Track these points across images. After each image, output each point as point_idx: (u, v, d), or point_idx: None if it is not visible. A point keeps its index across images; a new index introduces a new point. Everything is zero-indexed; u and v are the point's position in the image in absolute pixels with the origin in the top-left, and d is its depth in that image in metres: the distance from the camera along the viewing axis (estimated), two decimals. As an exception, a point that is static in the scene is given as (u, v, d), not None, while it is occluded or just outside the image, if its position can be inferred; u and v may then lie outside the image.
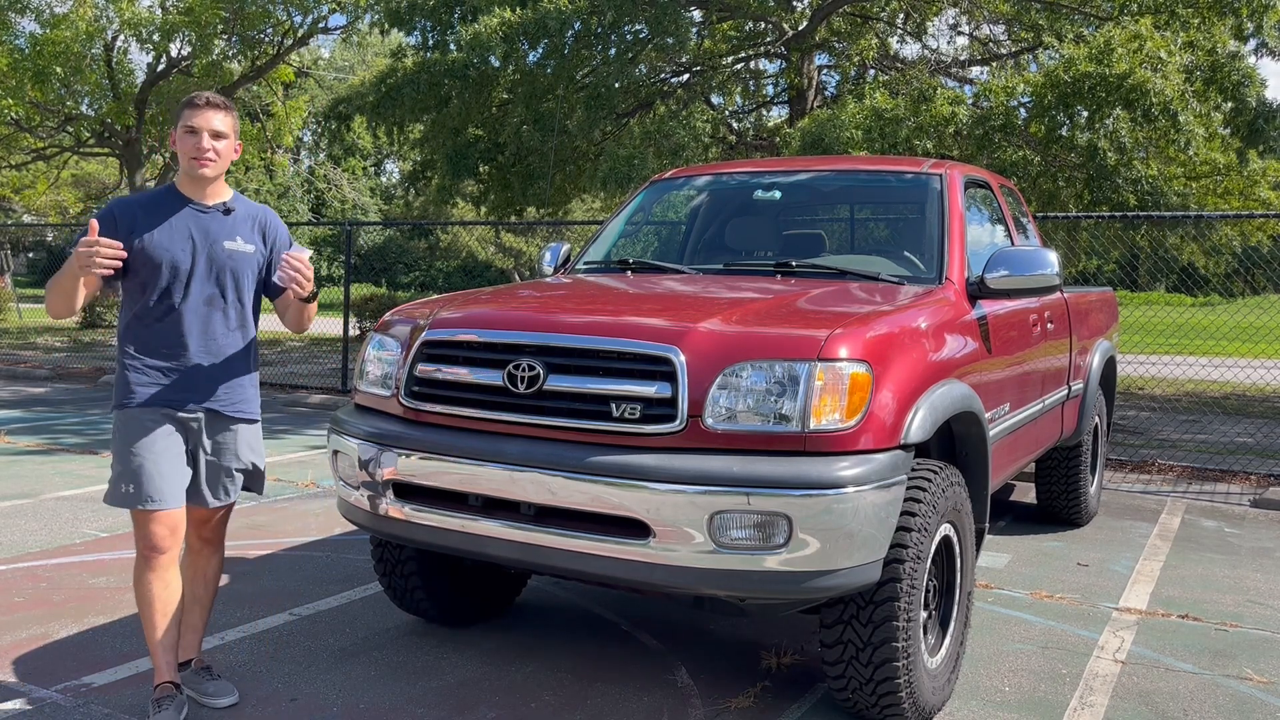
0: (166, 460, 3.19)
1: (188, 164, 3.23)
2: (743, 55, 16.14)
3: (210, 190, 3.30)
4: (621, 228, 5.02)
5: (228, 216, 3.32)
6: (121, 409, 3.23)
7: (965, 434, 3.75)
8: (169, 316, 3.22)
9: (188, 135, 3.21)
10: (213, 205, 3.31)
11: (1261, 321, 10.51)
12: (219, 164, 3.25)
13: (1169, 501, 7.14)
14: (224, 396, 3.30)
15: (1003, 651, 4.16)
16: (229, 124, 3.26)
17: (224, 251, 3.28)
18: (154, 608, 3.24)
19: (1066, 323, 5.44)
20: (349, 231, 12.58)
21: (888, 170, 5.01)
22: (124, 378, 3.24)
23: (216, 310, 3.29)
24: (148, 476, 3.15)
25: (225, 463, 3.34)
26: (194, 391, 3.24)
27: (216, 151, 3.23)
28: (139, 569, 3.24)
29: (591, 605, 4.61)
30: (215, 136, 3.22)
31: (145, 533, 3.19)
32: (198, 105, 3.21)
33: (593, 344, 3.17)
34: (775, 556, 2.89)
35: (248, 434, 3.40)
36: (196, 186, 3.28)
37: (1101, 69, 9.77)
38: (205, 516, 3.40)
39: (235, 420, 3.35)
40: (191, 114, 3.20)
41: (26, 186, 30.10)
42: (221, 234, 3.29)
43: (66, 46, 17.58)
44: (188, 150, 3.21)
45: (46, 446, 8.32)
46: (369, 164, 48.60)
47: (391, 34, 15.63)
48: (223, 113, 3.24)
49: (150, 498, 3.15)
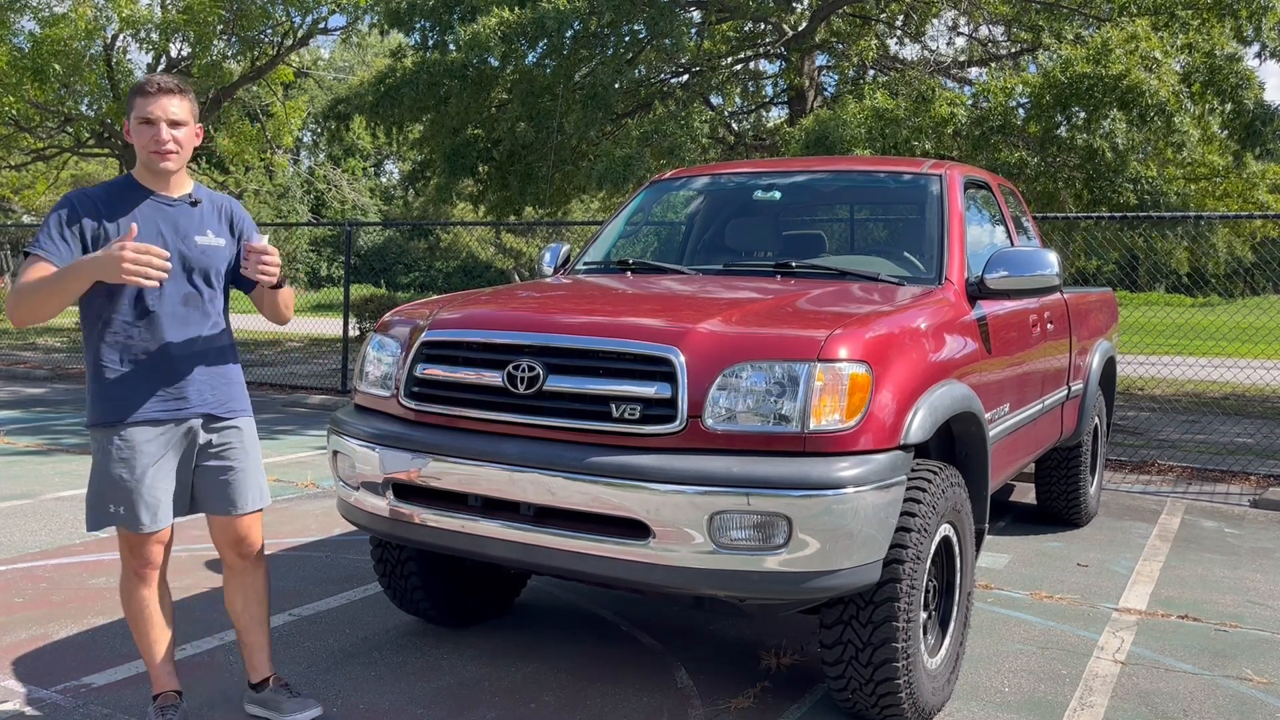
0: (159, 476, 3.03)
1: (147, 158, 2.98)
2: (742, 56, 16.14)
3: (174, 181, 3.07)
4: (621, 228, 5.02)
5: (195, 209, 3.10)
6: (105, 426, 3.01)
7: (965, 434, 3.75)
8: (146, 319, 3.00)
9: (143, 126, 2.95)
10: (178, 198, 3.08)
11: (1261, 322, 10.52)
12: (181, 155, 3.01)
13: (1169, 502, 7.14)
14: (213, 398, 3.12)
15: (1003, 652, 4.16)
16: (187, 109, 2.99)
17: (197, 247, 3.06)
18: (149, 621, 3.15)
19: (1066, 323, 5.44)
20: (349, 232, 12.59)
21: (887, 171, 5.01)
22: (102, 392, 3.01)
23: (195, 309, 3.08)
24: (139, 496, 2.99)
25: (234, 465, 3.16)
26: (183, 398, 3.06)
27: (177, 141, 2.97)
28: (129, 585, 3.13)
29: (591, 605, 4.61)
30: (174, 125, 2.96)
31: (139, 552, 3.08)
32: (150, 93, 2.94)
33: (592, 344, 3.17)
34: (775, 557, 2.89)
35: (247, 432, 3.23)
36: (158, 178, 3.04)
37: (1099, 70, 9.78)
38: (238, 530, 3.21)
39: (230, 419, 3.17)
40: (144, 103, 2.93)
41: (26, 187, 30.09)
42: (192, 229, 3.06)
43: (65, 45, 17.58)
44: (145, 143, 2.95)
45: (46, 447, 8.32)
46: (369, 164, 48.58)
47: (391, 34, 15.63)
48: (178, 97, 2.96)
49: (143, 520, 3.01)
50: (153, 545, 3.09)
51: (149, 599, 3.14)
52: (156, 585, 3.16)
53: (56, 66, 17.76)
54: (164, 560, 3.16)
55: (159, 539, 3.10)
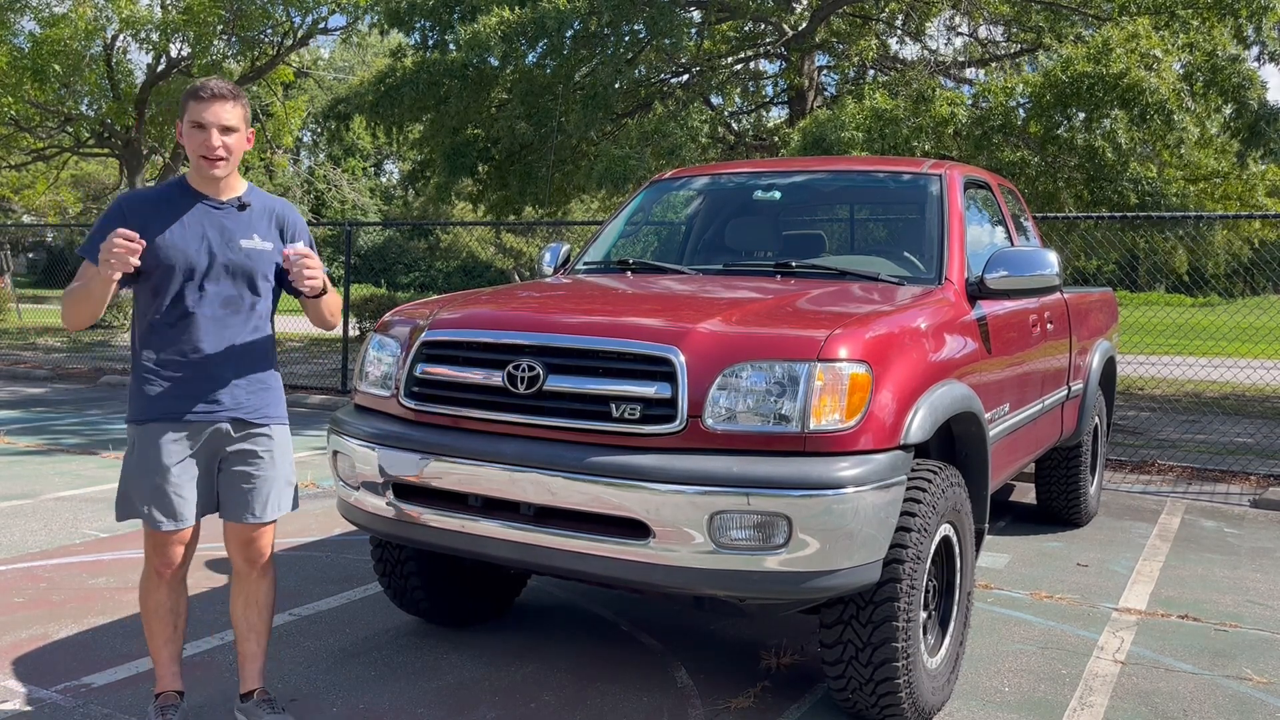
0: (184, 477, 3.03)
1: (197, 163, 3.00)
2: (742, 56, 16.14)
3: (224, 184, 3.08)
4: (621, 228, 5.02)
5: (243, 212, 3.10)
6: (137, 424, 3.04)
7: (965, 434, 3.75)
8: (184, 321, 3.01)
9: (195, 131, 2.96)
10: (227, 200, 3.09)
11: (1261, 322, 10.51)
12: (230, 161, 3.03)
13: (1169, 502, 7.15)
14: (248, 403, 3.10)
15: (1003, 652, 4.16)
16: (239, 115, 3.00)
17: (241, 250, 3.05)
18: (164, 620, 3.16)
19: (1066, 323, 5.44)
20: (349, 232, 12.59)
21: (887, 171, 5.01)
22: (139, 389, 3.04)
23: (234, 312, 3.07)
24: (166, 496, 3.01)
25: (258, 473, 3.12)
26: (216, 400, 3.04)
27: (227, 148, 2.99)
28: (149, 582, 3.14)
29: (591, 605, 4.61)
30: (225, 131, 2.97)
31: (162, 551, 3.09)
32: (203, 98, 2.95)
33: (592, 344, 3.17)
34: (775, 557, 2.89)
35: (277, 441, 3.18)
36: (208, 182, 3.06)
37: (1099, 69, 9.77)
38: (248, 537, 3.18)
39: (262, 426, 3.13)
40: (198, 107, 2.95)
41: (26, 187, 30.12)
42: (238, 231, 3.07)
43: (65, 45, 17.59)
44: (196, 148, 2.97)
45: (46, 447, 8.32)
46: (369, 164, 48.62)
47: (391, 34, 15.63)
48: (231, 103, 2.97)
49: (169, 518, 3.02)
50: (174, 545, 3.10)
51: (165, 598, 3.15)
52: (174, 585, 3.16)
53: (56, 67, 17.77)
54: (185, 561, 3.16)
55: (180, 539, 3.10)
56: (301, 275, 3.02)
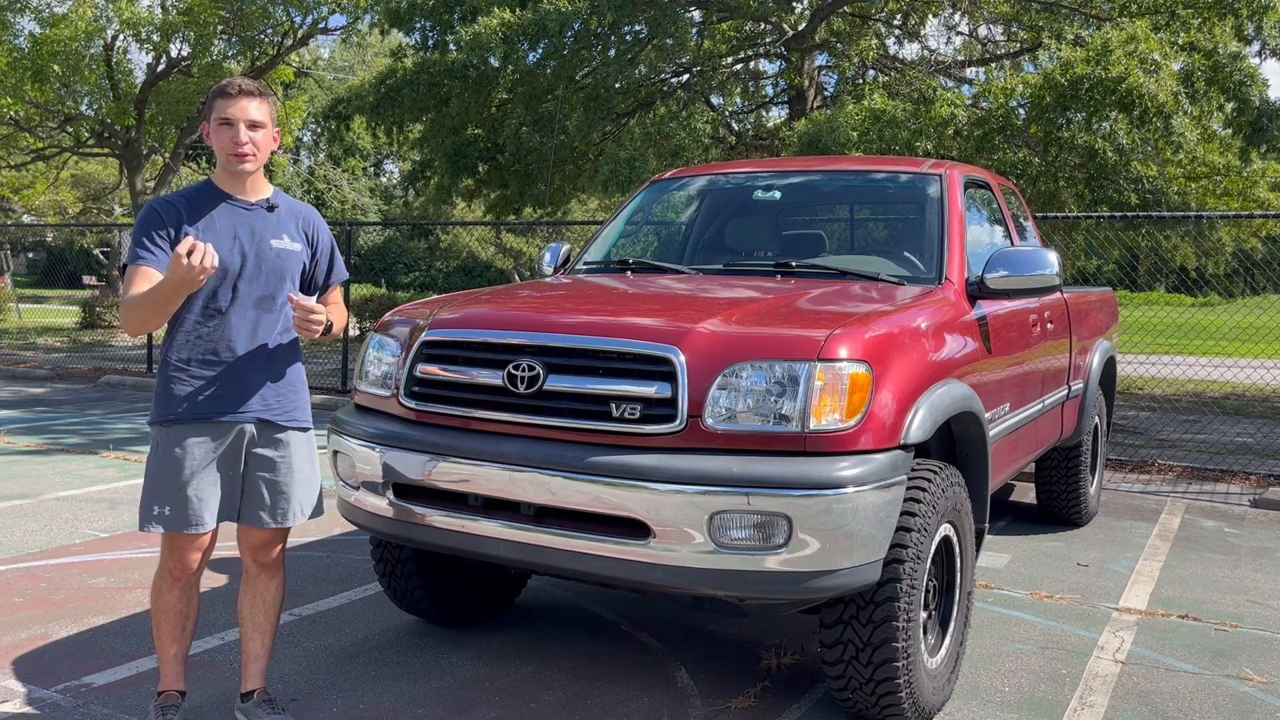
0: (207, 481, 3.03)
1: (225, 160, 3.01)
2: (742, 56, 16.13)
3: (250, 185, 3.09)
4: (621, 228, 5.02)
5: (272, 213, 3.12)
6: (161, 425, 3.03)
7: (965, 434, 3.75)
8: (215, 321, 3.02)
9: (223, 128, 2.98)
10: (255, 201, 3.10)
11: (1261, 321, 10.51)
12: (259, 157, 3.04)
13: (1169, 501, 7.15)
14: (276, 404, 3.10)
15: (1003, 651, 4.16)
16: (266, 112, 3.02)
17: (272, 250, 3.07)
18: (174, 622, 3.15)
19: (1066, 323, 5.44)
20: (349, 231, 12.58)
21: (887, 170, 5.02)
22: (166, 390, 3.03)
23: (266, 313, 3.08)
24: (186, 500, 2.99)
25: (279, 478, 3.13)
26: (244, 401, 3.04)
27: (255, 144, 3.00)
28: (162, 584, 3.13)
29: (591, 605, 4.61)
30: (252, 127, 2.99)
31: (178, 555, 3.07)
32: (230, 94, 2.97)
33: (592, 344, 3.17)
34: (775, 557, 2.89)
35: (302, 445, 3.19)
36: (236, 182, 3.07)
37: (1098, 71, 9.77)
38: (262, 540, 3.19)
39: (288, 429, 3.14)
40: (225, 104, 2.96)
41: (26, 186, 30.13)
42: (268, 232, 3.08)
43: (65, 45, 17.60)
44: (224, 145, 2.99)
45: (46, 447, 8.32)
46: (369, 164, 48.63)
47: (391, 34, 15.64)
48: (258, 100, 3.00)
49: (188, 522, 3.00)
50: (191, 550, 3.08)
51: (177, 600, 3.14)
52: (187, 588, 3.15)
53: (56, 67, 17.79)
54: (200, 566, 3.14)
55: (197, 545, 3.08)
56: (305, 325, 3.03)
